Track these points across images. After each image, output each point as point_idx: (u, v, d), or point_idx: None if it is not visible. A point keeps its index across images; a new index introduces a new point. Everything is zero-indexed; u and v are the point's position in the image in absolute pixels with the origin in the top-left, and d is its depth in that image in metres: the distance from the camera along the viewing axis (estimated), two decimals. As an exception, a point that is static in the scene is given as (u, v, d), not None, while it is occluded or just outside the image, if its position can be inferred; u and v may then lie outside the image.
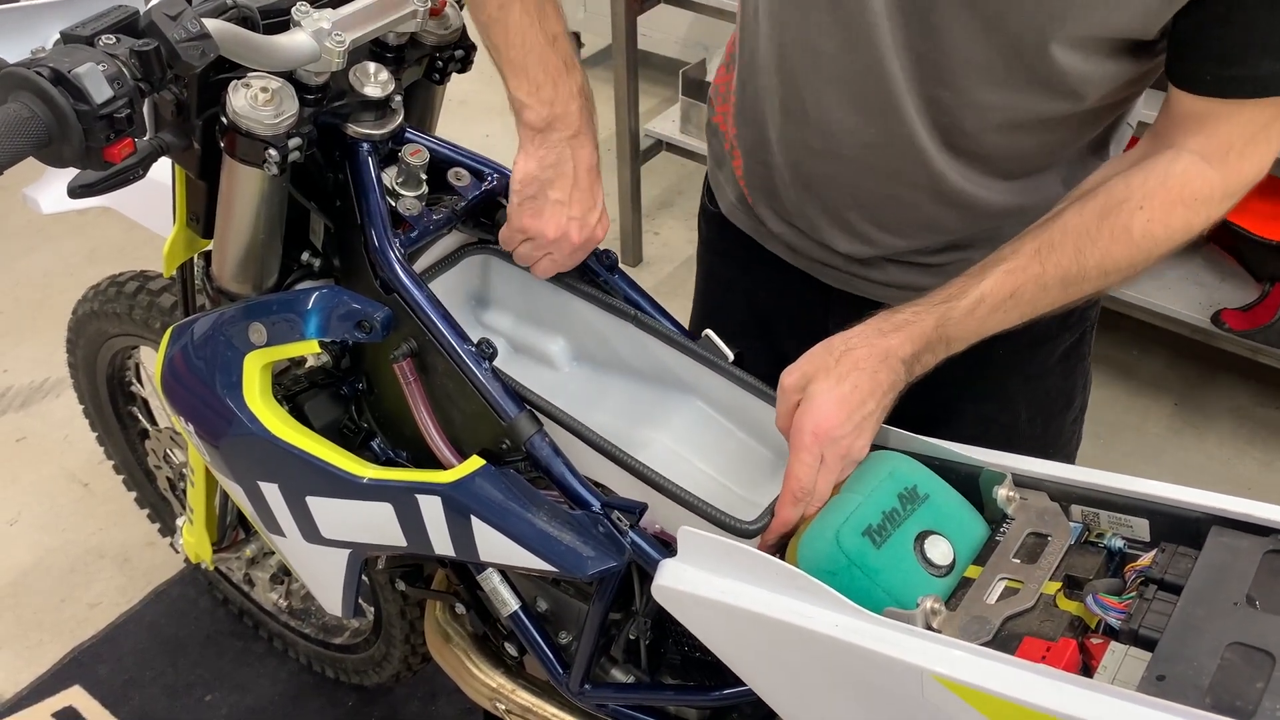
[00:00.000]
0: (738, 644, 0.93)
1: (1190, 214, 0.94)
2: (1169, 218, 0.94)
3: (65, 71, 0.81)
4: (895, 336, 0.96)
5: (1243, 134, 0.93)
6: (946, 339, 0.96)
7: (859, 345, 0.96)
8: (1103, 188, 0.96)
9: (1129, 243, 0.94)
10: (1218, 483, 2.29)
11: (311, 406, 1.19)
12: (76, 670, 2.00)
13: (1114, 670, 0.80)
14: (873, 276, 1.21)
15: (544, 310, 1.18)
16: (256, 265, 1.14)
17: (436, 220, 1.12)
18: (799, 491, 0.92)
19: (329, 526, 1.17)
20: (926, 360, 0.97)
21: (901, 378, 0.96)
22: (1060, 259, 0.95)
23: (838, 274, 1.23)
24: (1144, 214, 0.94)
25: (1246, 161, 0.94)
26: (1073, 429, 1.33)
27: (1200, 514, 0.88)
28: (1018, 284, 0.95)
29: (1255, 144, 0.93)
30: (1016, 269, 0.95)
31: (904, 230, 1.16)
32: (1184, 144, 0.95)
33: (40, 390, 2.55)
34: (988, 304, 0.95)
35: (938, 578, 0.89)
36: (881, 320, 0.97)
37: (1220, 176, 0.94)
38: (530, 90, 1.05)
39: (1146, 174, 0.95)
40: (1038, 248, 0.95)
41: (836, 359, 0.95)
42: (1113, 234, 0.94)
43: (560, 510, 1.02)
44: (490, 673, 1.29)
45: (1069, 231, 0.95)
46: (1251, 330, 2.21)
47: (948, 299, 0.96)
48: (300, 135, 1.01)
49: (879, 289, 1.21)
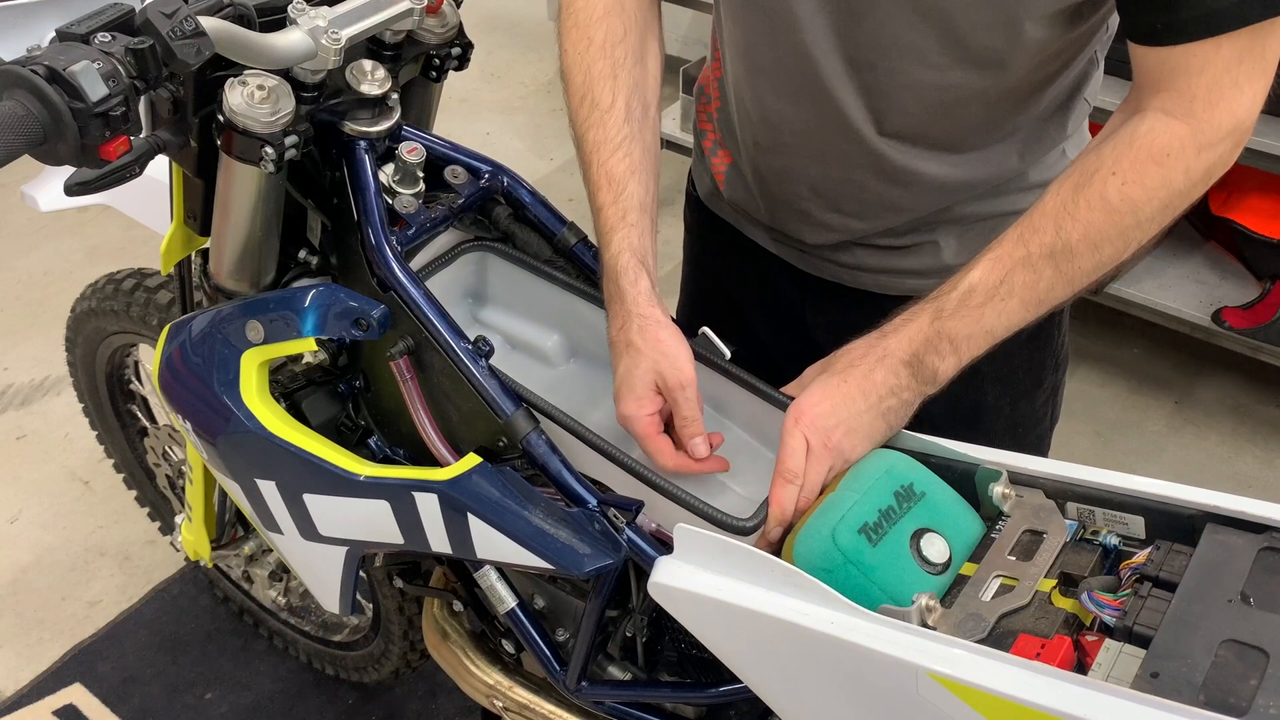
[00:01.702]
0: (734, 641, 0.93)
1: (1165, 171, 0.92)
2: (1143, 177, 0.92)
3: (60, 69, 0.81)
4: (893, 338, 0.96)
5: (1204, 81, 0.91)
6: (948, 336, 0.95)
7: (857, 346, 0.98)
8: (1077, 164, 0.96)
9: (1108, 209, 0.93)
10: (1218, 480, 2.29)
11: (309, 404, 1.19)
12: (77, 668, 2.00)
13: (1108, 667, 0.79)
14: (844, 261, 1.22)
15: (541, 307, 1.18)
16: (254, 263, 1.14)
17: (433, 218, 1.12)
18: (788, 474, 0.93)
19: (326, 524, 1.17)
20: (932, 363, 0.95)
21: (905, 382, 0.95)
22: (1043, 239, 0.94)
23: (810, 260, 1.24)
24: (1117, 179, 0.92)
25: (1216, 109, 0.91)
26: (1044, 409, 1.33)
27: (1195, 511, 0.88)
28: (1005, 270, 0.94)
29: (1220, 89, 0.91)
30: (1002, 255, 0.95)
31: (862, 213, 1.16)
32: (1148, 104, 0.94)
33: (41, 388, 2.56)
34: (979, 293, 0.95)
35: (933, 575, 0.89)
36: (884, 324, 0.98)
37: (1188, 128, 0.92)
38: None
39: (1115, 140, 0.94)
40: (1020, 233, 0.95)
41: (836, 358, 0.98)
42: (1089, 204, 0.93)
43: (557, 508, 1.02)
44: (488, 670, 1.29)
45: (1048, 212, 0.95)
46: (1252, 328, 2.21)
47: (939, 294, 0.97)
48: (297, 133, 1.01)
49: (852, 273, 1.22)
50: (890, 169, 1.10)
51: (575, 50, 1.09)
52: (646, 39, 1.11)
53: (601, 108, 1.07)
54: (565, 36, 1.11)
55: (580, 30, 1.10)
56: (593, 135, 1.07)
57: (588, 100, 1.08)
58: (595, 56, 1.08)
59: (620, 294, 1.02)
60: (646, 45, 1.11)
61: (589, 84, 1.08)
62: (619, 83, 1.07)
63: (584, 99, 1.08)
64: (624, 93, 1.07)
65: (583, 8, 1.10)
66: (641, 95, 1.09)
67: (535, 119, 3.43)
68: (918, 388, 0.96)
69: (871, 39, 1.01)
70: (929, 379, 0.96)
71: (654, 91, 1.11)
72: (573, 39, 1.10)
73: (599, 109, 1.07)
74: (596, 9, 1.09)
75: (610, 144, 1.06)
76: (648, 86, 1.10)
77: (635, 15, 1.10)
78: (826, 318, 1.27)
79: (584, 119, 1.08)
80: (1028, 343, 1.24)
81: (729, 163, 1.26)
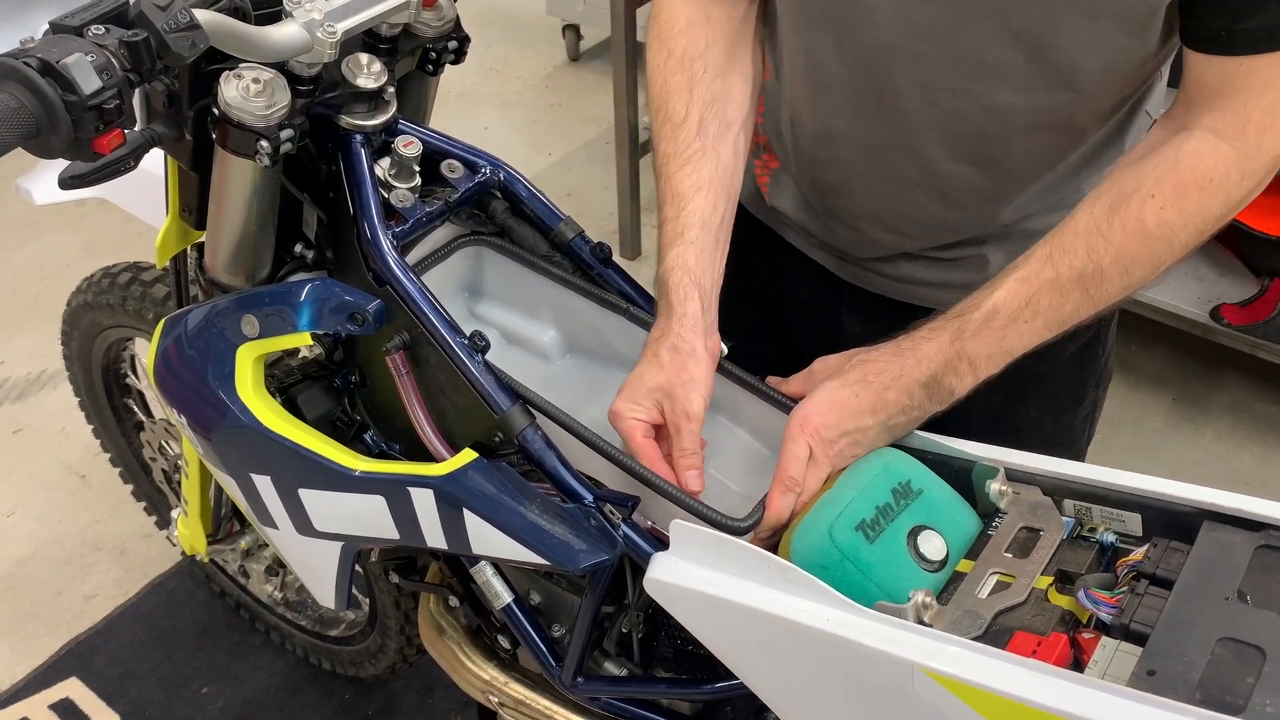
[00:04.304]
0: (730, 638, 0.93)
1: (1206, 196, 0.88)
2: (1183, 202, 0.88)
3: (53, 62, 0.81)
4: (911, 356, 0.93)
5: (1261, 102, 0.85)
6: (968, 357, 0.92)
7: (875, 359, 0.95)
8: (1114, 180, 0.92)
9: (1144, 234, 0.89)
10: (1215, 477, 2.29)
11: (304, 399, 1.18)
12: (73, 662, 2.00)
13: (1105, 665, 0.79)
14: (888, 272, 1.19)
15: (537, 303, 1.18)
16: (249, 257, 1.14)
17: (430, 212, 1.12)
18: (788, 481, 0.92)
19: (321, 519, 1.17)
20: (950, 383, 0.93)
21: (917, 402, 0.93)
22: (1074, 261, 0.90)
23: (853, 269, 1.21)
24: (1155, 202, 0.88)
25: (1268, 135, 0.86)
26: (1083, 426, 1.30)
27: (1192, 509, 0.87)
28: (1032, 291, 0.91)
29: (1277, 113, 0.85)
30: (1030, 276, 0.91)
31: (916, 232, 1.13)
32: (1197, 121, 0.88)
33: (37, 382, 2.55)
34: (1003, 314, 0.91)
35: (930, 572, 0.89)
36: (902, 338, 0.96)
37: (1236, 153, 0.87)
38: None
39: (1158, 159, 0.89)
40: (1049, 252, 0.91)
41: (851, 366, 0.95)
42: (1125, 227, 0.89)
43: (552, 503, 1.02)
44: (483, 665, 1.29)
45: (1080, 232, 0.90)
46: (1250, 325, 2.20)
47: (962, 312, 0.93)
48: (292, 127, 1.01)
49: (895, 285, 1.19)
50: (953, 192, 1.07)
51: (655, 62, 1.07)
52: (735, 53, 1.07)
53: (674, 121, 1.04)
54: (649, 47, 1.09)
55: (661, 42, 1.07)
56: (664, 148, 1.05)
57: (662, 113, 1.05)
58: (673, 69, 1.06)
59: (669, 309, 1.00)
60: (733, 60, 1.07)
61: (665, 96, 1.05)
62: (694, 96, 1.04)
63: (659, 111, 1.06)
64: (699, 107, 1.04)
65: (666, 20, 1.07)
66: (720, 110, 1.05)
67: (533, 114, 3.43)
68: (930, 406, 0.94)
69: (957, 63, 0.96)
70: (943, 398, 0.94)
71: (739, 108, 1.07)
72: (654, 50, 1.08)
73: (671, 122, 1.04)
74: (679, 21, 1.06)
75: (680, 157, 1.03)
76: (730, 102, 1.06)
77: (721, 29, 1.06)
78: (865, 327, 1.24)
79: (657, 131, 1.06)
80: (1072, 361, 1.22)
81: (774, 167, 1.22)
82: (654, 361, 0.98)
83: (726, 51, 1.06)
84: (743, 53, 1.08)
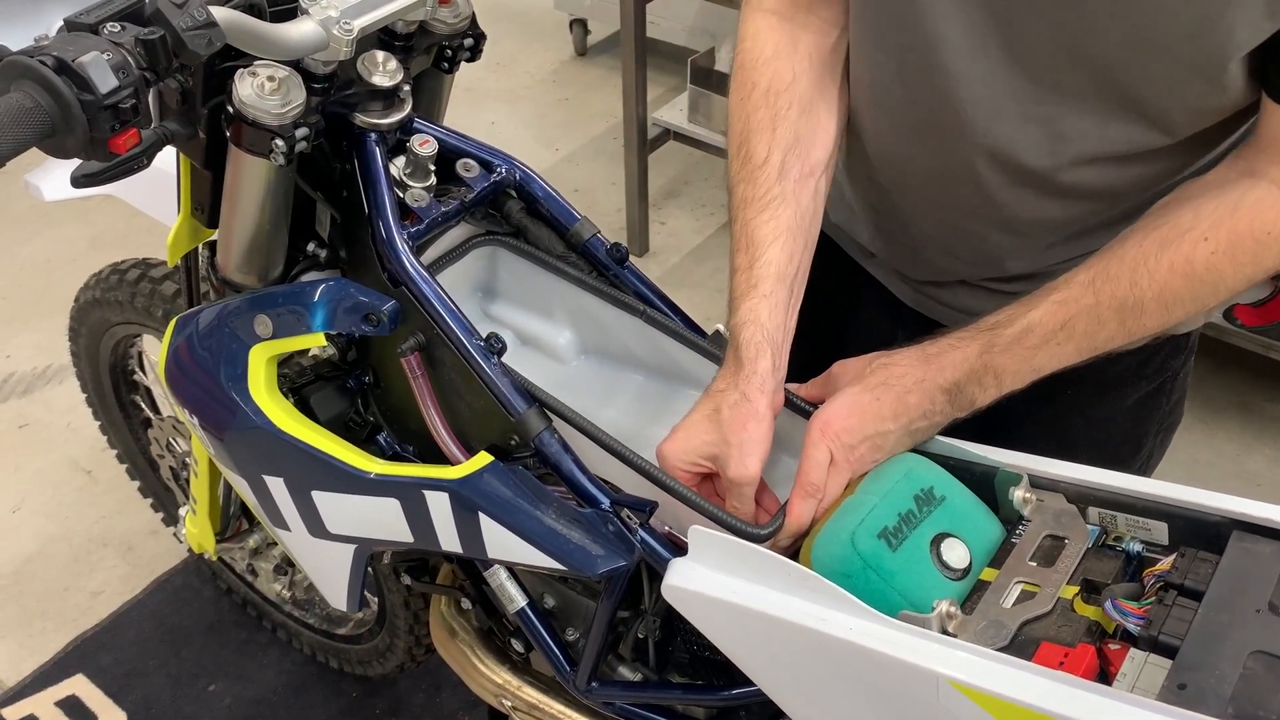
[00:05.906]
0: (748, 645, 0.92)
1: (1260, 249, 0.85)
2: (1236, 251, 0.86)
3: (69, 60, 0.80)
4: (936, 362, 0.91)
5: None
6: (994, 370, 0.90)
7: (898, 363, 0.93)
8: (1169, 214, 0.89)
9: (1190, 275, 0.86)
10: (1227, 478, 2.28)
11: (317, 399, 1.17)
12: (79, 659, 1.99)
13: (1133, 678, 0.78)
14: (945, 299, 1.15)
15: (553, 304, 1.16)
16: (262, 256, 1.13)
17: (445, 212, 1.11)
18: (809, 487, 0.90)
19: (335, 521, 1.16)
20: (972, 392, 0.91)
21: (939, 407, 0.92)
22: (1116, 290, 0.87)
23: (910, 291, 1.19)
24: (1208, 245, 0.86)
25: None
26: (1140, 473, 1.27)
27: (1220, 518, 0.86)
28: (1069, 315, 0.88)
29: None
30: (1069, 299, 0.89)
31: (976, 260, 1.09)
32: (1265, 171, 0.86)
33: (43, 377, 2.54)
34: (1036, 334, 0.89)
35: (953, 581, 0.88)
36: (928, 344, 0.93)
37: None
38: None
39: (1217, 202, 0.87)
40: (1092, 278, 0.88)
41: (872, 370, 0.93)
42: (1172, 265, 0.86)
43: (569, 508, 1.00)
44: (496, 668, 1.28)
45: (1126, 261, 0.88)
46: (1263, 326, 2.19)
47: (994, 326, 0.91)
48: (307, 125, 1.00)
49: (951, 313, 1.15)
50: (1015, 222, 1.03)
51: (738, 95, 1.01)
52: (823, 85, 1.01)
53: (754, 162, 0.98)
54: (732, 77, 1.02)
55: (744, 72, 1.01)
56: (741, 190, 0.99)
57: (742, 152, 0.99)
58: (757, 104, 0.99)
59: (739, 364, 0.94)
60: (821, 93, 1.01)
61: (746, 134, 0.99)
62: (777, 135, 0.98)
63: (739, 149, 1.00)
64: (781, 148, 0.98)
65: (750, 48, 1.01)
66: (804, 152, 0.99)
67: (540, 109, 3.41)
68: (951, 413, 0.92)
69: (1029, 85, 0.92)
70: (965, 406, 0.92)
71: (823, 148, 1.00)
72: (737, 81, 1.01)
73: (751, 163, 0.98)
74: (765, 49, 1.00)
75: (758, 202, 0.97)
76: (815, 142, 1.00)
77: (810, 59, 1.00)
78: None
79: (736, 172, 1.00)
80: (1130, 412, 1.18)
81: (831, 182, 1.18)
82: (713, 416, 0.94)
83: (815, 84, 1.01)
84: (830, 85, 1.02)
